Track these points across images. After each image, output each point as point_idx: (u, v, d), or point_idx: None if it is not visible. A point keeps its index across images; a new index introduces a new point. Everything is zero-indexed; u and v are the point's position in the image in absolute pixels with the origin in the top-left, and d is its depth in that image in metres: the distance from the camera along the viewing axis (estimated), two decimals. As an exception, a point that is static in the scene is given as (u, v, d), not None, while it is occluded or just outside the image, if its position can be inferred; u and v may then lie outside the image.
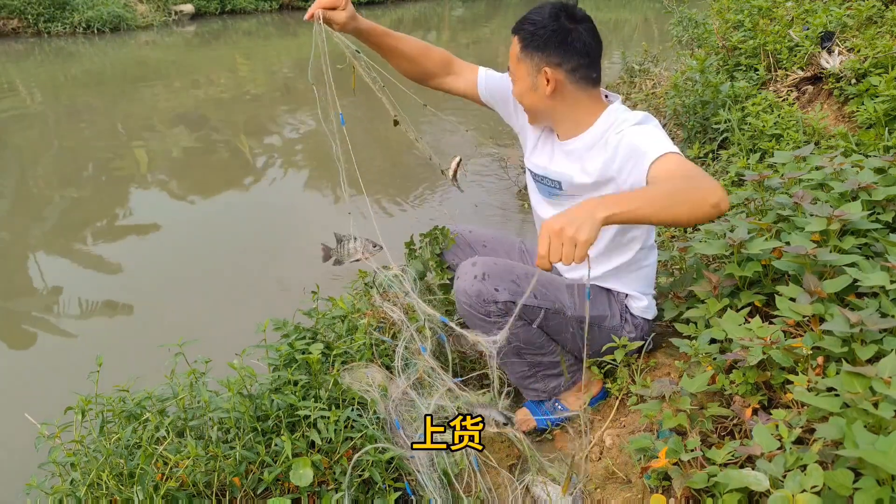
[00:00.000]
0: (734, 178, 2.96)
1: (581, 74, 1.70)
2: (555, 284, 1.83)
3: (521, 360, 1.88)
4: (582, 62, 1.68)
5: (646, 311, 1.91)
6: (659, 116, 4.70)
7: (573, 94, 1.72)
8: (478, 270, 1.74)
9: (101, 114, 7.20)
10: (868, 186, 1.90)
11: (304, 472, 1.50)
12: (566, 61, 1.68)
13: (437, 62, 1.97)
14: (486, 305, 1.72)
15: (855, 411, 1.17)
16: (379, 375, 1.83)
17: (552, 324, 1.82)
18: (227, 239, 4.10)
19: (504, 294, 1.71)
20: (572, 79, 1.70)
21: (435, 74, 1.99)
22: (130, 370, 1.76)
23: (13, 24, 11.35)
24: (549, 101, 1.73)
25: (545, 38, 1.67)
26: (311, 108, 7.43)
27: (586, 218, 1.31)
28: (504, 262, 1.80)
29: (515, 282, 1.74)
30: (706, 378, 1.52)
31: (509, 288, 1.72)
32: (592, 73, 1.72)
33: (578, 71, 1.69)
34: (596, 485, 1.66)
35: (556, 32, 1.66)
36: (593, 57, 1.70)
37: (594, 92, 1.75)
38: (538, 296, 1.78)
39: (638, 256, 1.86)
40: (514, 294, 1.72)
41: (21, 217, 4.54)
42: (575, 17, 1.68)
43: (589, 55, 1.69)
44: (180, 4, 13.56)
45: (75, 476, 1.50)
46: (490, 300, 1.71)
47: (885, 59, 3.05)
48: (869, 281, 1.53)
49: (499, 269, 1.75)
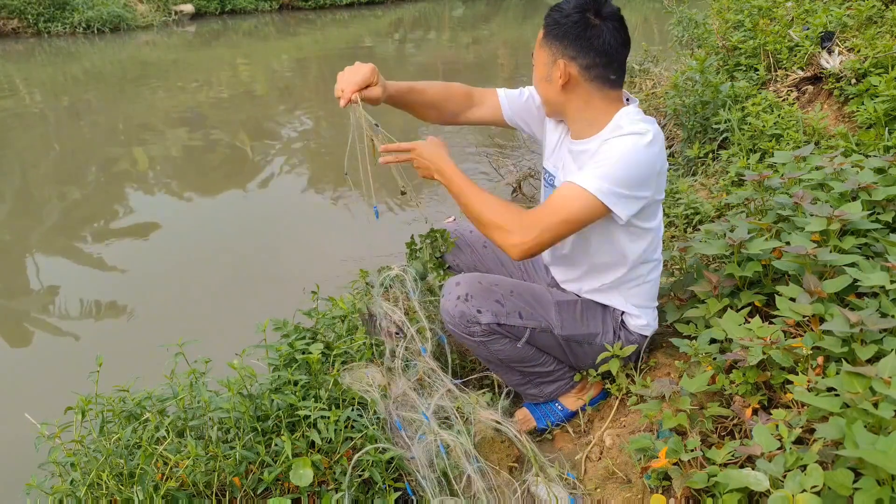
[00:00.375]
0: (734, 178, 2.96)
1: (597, 73, 1.62)
2: (542, 302, 1.80)
3: (513, 371, 1.87)
4: (599, 60, 1.61)
5: (644, 328, 1.85)
6: (659, 116, 4.70)
7: (586, 91, 1.65)
8: (461, 291, 1.74)
9: (101, 114, 7.20)
10: (868, 186, 1.90)
11: (304, 472, 1.50)
12: (582, 56, 1.61)
13: (459, 100, 1.94)
14: (470, 326, 1.72)
15: (855, 411, 1.17)
16: (379, 376, 1.83)
17: (540, 341, 1.80)
18: (227, 239, 4.10)
19: (487, 316, 1.71)
20: (587, 76, 1.63)
21: (459, 112, 1.96)
22: (130, 370, 1.76)
23: (13, 24, 11.35)
24: (562, 94, 1.67)
25: (565, 29, 1.61)
26: (310, 108, 7.44)
27: (428, 167, 1.71)
28: (489, 280, 1.78)
29: (499, 301, 1.73)
30: (706, 378, 1.52)
31: (492, 308, 1.72)
32: (610, 73, 1.63)
33: (594, 69, 1.62)
34: (596, 485, 1.66)
35: (577, 25, 1.59)
36: (613, 57, 1.62)
37: (612, 93, 1.66)
38: (524, 315, 1.75)
39: (641, 272, 1.80)
40: (497, 315, 1.72)
41: (21, 217, 4.54)
42: (601, 13, 1.60)
43: (608, 55, 1.60)
44: (180, 4, 13.56)
45: (75, 476, 1.50)
46: (473, 321, 1.71)
47: (885, 59, 3.05)
48: (869, 281, 1.53)
49: (482, 289, 1.74)
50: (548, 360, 1.86)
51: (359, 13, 16.39)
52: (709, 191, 3.15)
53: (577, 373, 1.94)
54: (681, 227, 2.76)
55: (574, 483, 1.69)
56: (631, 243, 1.74)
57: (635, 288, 1.82)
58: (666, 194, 3.12)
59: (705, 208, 2.79)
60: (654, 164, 1.60)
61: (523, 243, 1.56)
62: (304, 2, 15.94)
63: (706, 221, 2.71)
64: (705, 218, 2.76)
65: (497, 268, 2.09)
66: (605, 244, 1.74)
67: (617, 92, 1.68)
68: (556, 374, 1.90)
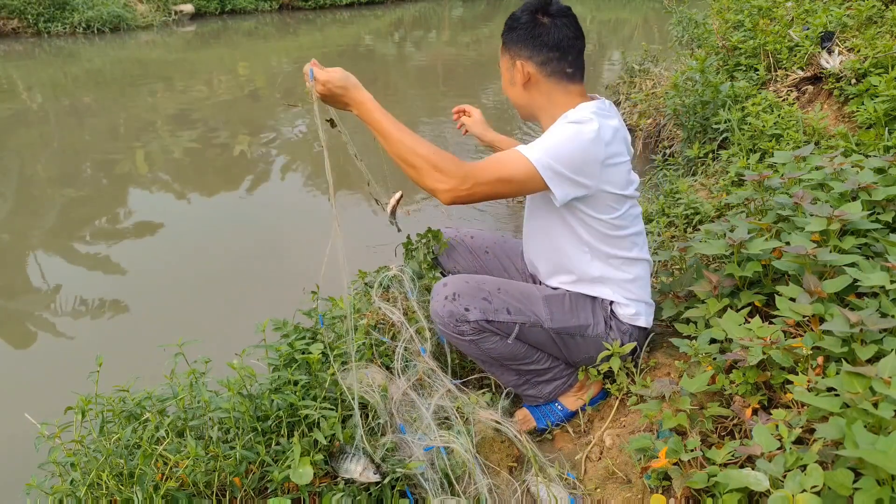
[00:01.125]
0: (734, 178, 2.96)
1: (552, 68, 1.71)
2: (530, 298, 1.81)
3: (508, 370, 1.87)
4: (552, 55, 1.70)
5: (635, 317, 1.86)
6: (659, 116, 4.70)
7: (547, 87, 1.74)
8: (448, 291, 1.75)
9: (101, 114, 7.20)
10: (868, 186, 1.90)
11: (304, 471, 1.50)
12: (536, 54, 1.71)
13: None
14: (459, 325, 1.73)
15: (855, 411, 1.17)
16: (379, 376, 1.83)
17: (531, 336, 1.81)
18: (227, 238, 4.10)
19: (475, 313, 1.72)
20: (544, 72, 1.72)
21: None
22: (130, 370, 1.76)
23: (13, 24, 11.35)
24: (525, 94, 1.77)
25: (518, 32, 1.72)
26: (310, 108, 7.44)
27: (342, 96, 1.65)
28: (476, 280, 1.79)
29: (487, 299, 1.74)
30: (706, 378, 1.52)
31: (480, 306, 1.73)
32: (566, 67, 1.72)
33: (549, 64, 1.71)
34: (596, 485, 1.66)
35: (527, 25, 1.71)
36: (565, 50, 1.70)
37: (571, 87, 1.74)
38: (512, 311, 1.76)
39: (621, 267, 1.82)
40: (486, 312, 1.73)
41: (21, 217, 4.54)
42: (549, 12, 1.71)
43: (560, 48, 1.70)
44: (180, 4, 13.56)
45: (75, 476, 1.50)
46: (462, 320, 1.72)
47: (885, 59, 3.05)
48: (869, 281, 1.53)
49: (469, 288, 1.75)
50: (541, 358, 1.87)
51: (359, 13, 16.39)
52: (709, 191, 3.15)
53: (574, 371, 1.94)
54: (681, 227, 2.76)
55: (574, 483, 1.69)
56: (589, 235, 1.76)
57: (620, 283, 1.84)
58: (666, 194, 3.14)
59: (705, 208, 2.79)
60: (596, 154, 1.63)
61: (457, 189, 1.57)
62: (304, 2, 15.94)
63: (706, 221, 2.71)
64: (705, 218, 2.76)
65: (500, 275, 2.09)
66: (565, 235, 1.79)
67: (577, 86, 1.75)
68: (553, 373, 1.90)
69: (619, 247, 1.80)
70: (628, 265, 1.83)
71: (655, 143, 4.67)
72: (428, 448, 1.64)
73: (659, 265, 2.48)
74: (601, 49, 11.19)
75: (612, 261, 1.81)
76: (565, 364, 1.92)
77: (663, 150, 4.34)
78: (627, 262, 1.83)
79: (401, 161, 1.60)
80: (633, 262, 1.84)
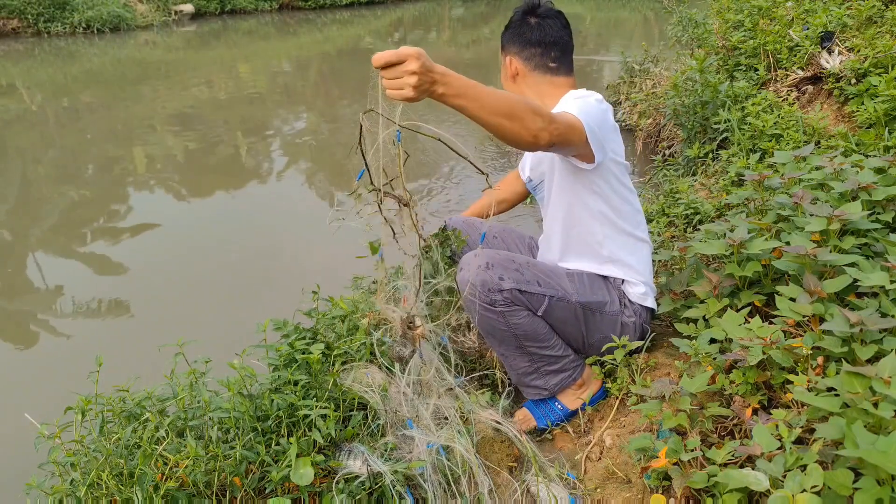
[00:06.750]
0: (734, 178, 2.96)
1: (536, 62, 1.89)
2: (556, 272, 1.87)
3: (524, 354, 1.88)
4: (535, 50, 1.88)
5: (643, 297, 1.93)
6: (659, 116, 4.70)
7: (534, 80, 1.91)
8: (481, 261, 1.78)
9: (101, 114, 7.20)
10: (868, 186, 1.90)
11: (305, 471, 1.50)
12: (522, 50, 1.90)
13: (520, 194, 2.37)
14: (491, 294, 1.75)
15: (855, 411, 1.17)
16: (379, 376, 1.83)
17: (557, 312, 1.83)
18: (227, 238, 4.09)
19: (508, 282, 1.75)
20: (529, 66, 1.90)
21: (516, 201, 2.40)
22: (130, 370, 1.76)
23: (13, 24, 11.36)
24: (515, 86, 1.94)
25: (510, 31, 1.94)
26: (310, 108, 7.44)
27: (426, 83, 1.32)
28: (505, 253, 1.84)
29: (519, 270, 1.78)
30: (706, 378, 1.52)
31: (513, 276, 1.76)
32: (549, 61, 1.89)
33: (533, 59, 1.89)
34: (596, 485, 1.66)
35: (517, 25, 1.92)
36: (548, 46, 1.88)
37: (557, 80, 1.90)
38: (542, 283, 1.80)
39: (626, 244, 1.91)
40: (518, 282, 1.76)
41: (21, 217, 4.54)
42: (537, 13, 1.90)
43: (542, 44, 1.88)
44: (180, 4, 13.57)
45: (75, 476, 1.50)
46: (495, 289, 1.74)
47: (885, 59, 3.05)
48: (869, 281, 1.53)
49: (501, 259, 1.79)
50: (557, 344, 1.89)
51: (359, 13, 16.40)
52: (709, 191, 3.15)
53: (580, 366, 1.95)
54: (681, 227, 2.76)
55: (574, 483, 1.69)
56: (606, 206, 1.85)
57: (629, 264, 1.92)
58: (666, 194, 3.14)
59: (705, 208, 2.79)
60: (609, 119, 1.78)
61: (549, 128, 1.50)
62: (304, 2, 15.95)
63: (706, 221, 2.71)
64: (705, 218, 2.76)
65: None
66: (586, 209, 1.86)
67: (564, 79, 1.92)
68: (563, 363, 1.91)
69: (629, 221, 1.90)
70: (634, 246, 1.93)
71: (655, 143, 4.67)
72: (430, 445, 1.64)
73: (659, 265, 2.48)
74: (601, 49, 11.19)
75: (622, 238, 1.90)
76: (575, 354, 1.94)
77: (663, 150, 4.35)
78: (634, 241, 1.92)
79: (501, 117, 1.44)
80: (638, 243, 1.94)
